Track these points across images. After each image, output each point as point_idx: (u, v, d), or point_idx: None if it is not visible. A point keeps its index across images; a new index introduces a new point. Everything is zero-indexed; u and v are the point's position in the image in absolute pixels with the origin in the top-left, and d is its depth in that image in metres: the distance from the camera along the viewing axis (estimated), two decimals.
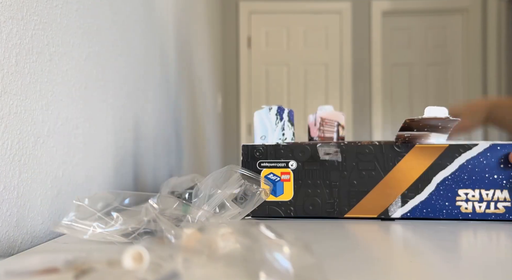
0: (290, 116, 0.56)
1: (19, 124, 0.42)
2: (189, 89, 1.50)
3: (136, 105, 0.81)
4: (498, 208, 0.50)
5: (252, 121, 3.46)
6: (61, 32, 0.51)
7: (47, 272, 0.19)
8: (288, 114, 0.56)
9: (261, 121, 0.58)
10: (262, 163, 0.53)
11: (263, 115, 0.58)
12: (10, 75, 0.40)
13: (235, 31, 3.47)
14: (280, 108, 0.56)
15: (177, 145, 1.24)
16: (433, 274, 0.29)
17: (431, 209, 0.50)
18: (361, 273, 0.29)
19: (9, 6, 0.41)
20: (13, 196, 0.41)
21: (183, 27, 1.42)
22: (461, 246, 0.39)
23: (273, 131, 0.56)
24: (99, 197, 0.38)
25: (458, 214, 0.50)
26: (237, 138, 3.47)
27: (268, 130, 0.57)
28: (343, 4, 3.45)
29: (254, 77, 3.49)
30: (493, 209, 0.50)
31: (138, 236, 0.36)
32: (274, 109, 0.56)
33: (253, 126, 0.61)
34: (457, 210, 0.50)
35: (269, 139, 0.57)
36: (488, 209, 0.50)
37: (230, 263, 0.19)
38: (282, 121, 0.55)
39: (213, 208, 0.40)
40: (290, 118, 0.56)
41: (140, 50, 0.85)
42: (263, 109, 0.58)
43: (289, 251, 0.19)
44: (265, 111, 0.58)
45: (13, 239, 0.41)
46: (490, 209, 0.50)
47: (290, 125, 0.56)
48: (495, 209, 0.50)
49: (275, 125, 0.56)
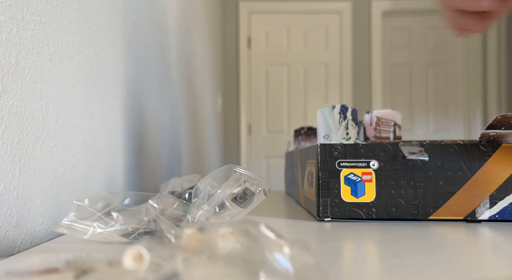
0: (353, 115, 0.54)
1: (19, 124, 0.42)
2: (189, 89, 1.50)
3: (136, 105, 0.81)
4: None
5: (252, 121, 3.46)
6: (61, 32, 0.51)
7: (48, 272, 0.19)
8: (352, 112, 0.54)
9: (324, 119, 0.56)
10: (341, 162, 0.50)
11: (326, 114, 0.56)
12: (10, 75, 0.40)
13: (235, 31, 3.47)
14: (344, 106, 0.54)
15: (177, 145, 1.24)
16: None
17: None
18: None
19: (9, 6, 0.41)
20: (13, 196, 0.41)
21: (183, 27, 1.42)
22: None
23: (337, 130, 0.54)
24: (99, 197, 0.38)
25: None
26: (237, 138, 3.47)
27: (332, 129, 0.55)
28: (343, 4, 3.45)
29: (254, 77, 3.49)
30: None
31: (138, 236, 0.36)
32: (337, 108, 0.54)
33: (317, 124, 0.59)
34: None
35: (332, 138, 0.54)
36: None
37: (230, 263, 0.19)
38: (346, 120, 0.53)
39: (213, 208, 0.40)
40: (354, 117, 0.54)
41: (140, 50, 0.85)
42: (326, 108, 0.56)
43: (289, 251, 0.19)
44: (328, 110, 0.55)
45: (13, 239, 0.41)
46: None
47: (354, 124, 0.54)
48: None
49: (339, 124, 0.54)
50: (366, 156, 0.50)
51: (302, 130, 0.91)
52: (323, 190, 0.50)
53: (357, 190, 0.50)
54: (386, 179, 0.50)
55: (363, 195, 0.50)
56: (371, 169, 0.50)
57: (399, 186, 0.50)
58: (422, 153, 0.50)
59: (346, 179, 0.50)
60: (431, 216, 0.50)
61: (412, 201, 0.50)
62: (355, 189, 0.50)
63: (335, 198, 0.50)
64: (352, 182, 0.50)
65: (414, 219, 0.50)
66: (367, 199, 0.50)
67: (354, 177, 0.50)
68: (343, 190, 0.50)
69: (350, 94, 3.42)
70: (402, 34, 3.51)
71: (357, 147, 0.51)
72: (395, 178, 0.50)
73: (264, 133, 3.48)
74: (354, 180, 0.50)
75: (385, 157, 0.50)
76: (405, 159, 0.50)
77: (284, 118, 3.48)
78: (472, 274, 0.28)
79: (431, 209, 0.50)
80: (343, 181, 0.50)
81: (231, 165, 0.42)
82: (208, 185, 0.41)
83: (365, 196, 0.50)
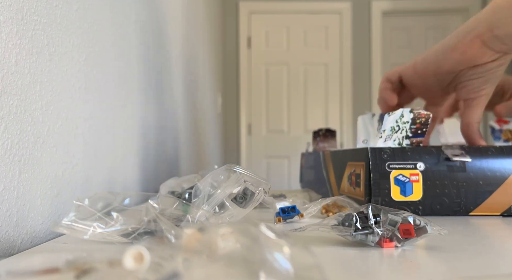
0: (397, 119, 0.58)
1: (19, 124, 0.42)
2: (189, 89, 1.50)
3: (136, 105, 0.81)
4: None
5: (252, 121, 3.46)
6: (61, 32, 0.51)
7: (48, 272, 0.19)
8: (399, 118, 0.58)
9: (364, 125, 0.61)
10: (390, 164, 0.54)
11: (366, 120, 0.61)
12: (10, 75, 0.40)
13: (235, 31, 3.47)
14: (382, 115, 0.58)
15: (177, 145, 1.24)
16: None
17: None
18: None
19: (9, 6, 0.41)
20: (13, 196, 0.41)
21: (183, 27, 1.42)
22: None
23: (375, 136, 0.58)
24: (99, 197, 0.38)
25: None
26: (237, 138, 3.47)
27: (371, 135, 0.59)
28: (343, 4, 3.45)
29: (254, 77, 3.49)
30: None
31: (138, 236, 0.36)
32: (376, 116, 0.58)
33: (357, 129, 0.64)
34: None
35: (370, 143, 0.59)
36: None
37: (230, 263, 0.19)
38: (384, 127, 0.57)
39: (213, 207, 0.40)
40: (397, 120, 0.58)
41: (140, 50, 0.85)
42: (367, 115, 0.61)
43: (289, 251, 0.19)
44: (368, 117, 0.60)
45: (13, 239, 0.41)
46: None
47: (397, 127, 0.58)
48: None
49: (377, 131, 0.58)
50: (412, 159, 0.55)
51: (321, 131, 0.94)
52: (375, 190, 0.54)
53: (405, 189, 0.54)
54: (431, 180, 0.54)
55: (411, 194, 0.54)
56: (418, 171, 0.54)
57: (443, 186, 0.54)
58: (464, 155, 0.54)
59: (395, 180, 0.54)
60: (471, 213, 0.54)
61: (455, 199, 0.54)
62: (404, 189, 0.54)
63: (386, 197, 0.54)
64: (401, 183, 0.54)
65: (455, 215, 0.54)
66: (414, 198, 0.54)
67: (403, 178, 0.54)
68: (393, 189, 0.54)
69: (350, 94, 3.42)
70: (402, 34, 3.51)
71: (405, 151, 0.55)
72: (440, 179, 0.54)
73: (264, 133, 3.48)
74: (403, 180, 0.54)
75: (430, 160, 0.55)
76: (447, 161, 0.54)
77: (284, 118, 3.48)
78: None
79: (472, 206, 0.54)
80: (393, 182, 0.54)
81: (231, 165, 0.42)
82: (208, 185, 0.41)
83: (413, 195, 0.54)
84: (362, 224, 0.34)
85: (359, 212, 0.35)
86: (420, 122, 0.56)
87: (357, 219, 0.35)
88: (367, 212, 0.35)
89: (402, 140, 0.57)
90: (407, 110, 0.55)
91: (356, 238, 0.35)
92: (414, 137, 0.57)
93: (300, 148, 3.40)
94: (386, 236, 0.34)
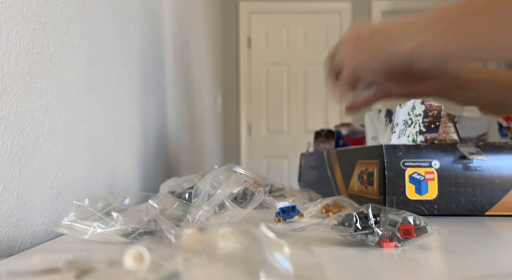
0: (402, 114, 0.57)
1: (19, 124, 0.42)
2: (189, 89, 1.50)
3: (136, 105, 0.81)
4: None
5: (252, 121, 3.46)
6: (61, 32, 0.51)
7: (48, 272, 0.19)
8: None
9: (372, 122, 0.60)
10: (405, 162, 0.53)
11: (373, 117, 0.59)
12: (10, 75, 0.40)
13: (235, 31, 3.47)
14: (389, 111, 0.57)
15: (177, 145, 1.24)
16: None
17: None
18: None
19: (9, 6, 0.41)
20: (13, 196, 0.41)
21: (183, 27, 1.42)
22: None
23: (383, 132, 0.57)
24: (99, 197, 0.38)
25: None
26: (237, 138, 3.47)
27: (379, 131, 0.58)
28: (343, 4, 3.45)
29: (254, 77, 3.49)
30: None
31: (138, 236, 0.36)
32: (383, 112, 0.57)
33: (365, 127, 0.63)
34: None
35: (380, 140, 0.57)
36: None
37: (230, 263, 0.19)
38: (391, 123, 0.56)
39: (213, 208, 0.40)
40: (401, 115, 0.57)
41: (140, 50, 0.85)
42: (373, 111, 0.60)
43: (289, 251, 0.19)
44: (375, 113, 0.59)
45: (13, 239, 0.41)
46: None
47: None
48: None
49: (385, 127, 0.57)
50: (427, 157, 0.53)
51: (322, 132, 0.93)
52: (390, 188, 0.53)
53: (421, 188, 0.53)
54: (447, 178, 0.53)
55: (426, 192, 0.53)
56: (433, 169, 0.53)
57: (459, 185, 0.53)
58: (480, 154, 0.53)
59: (410, 178, 0.53)
60: (487, 212, 0.53)
61: (471, 198, 0.53)
62: (419, 187, 0.53)
63: (401, 196, 0.53)
64: (416, 181, 0.53)
65: (472, 215, 0.53)
66: (429, 197, 0.53)
67: (418, 176, 0.53)
68: (408, 188, 0.53)
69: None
70: None
71: (420, 148, 0.54)
72: (455, 177, 0.53)
73: (264, 133, 3.48)
74: (418, 178, 0.53)
75: (445, 157, 0.54)
76: (463, 159, 0.53)
77: (284, 118, 3.48)
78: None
79: (487, 205, 0.53)
80: (408, 180, 0.53)
81: (231, 165, 0.42)
82: (208, 185, 0.41)
83: (428, 193, 0.53)
84: (362, 224, 0.34)
85: (359, 212, 0.35)
86: (432, 114, 0.54)
87: (357, 219, 0.35)
88: (367, 212, 0.35)
89: (416, 136, 0.55)
90: (418, 101, 0.54)
91: (356, 238, 0.35)
92: (427, 132, 0.55)
93: (300, 148, 3.40)
94: (386, 236, 0.34)
